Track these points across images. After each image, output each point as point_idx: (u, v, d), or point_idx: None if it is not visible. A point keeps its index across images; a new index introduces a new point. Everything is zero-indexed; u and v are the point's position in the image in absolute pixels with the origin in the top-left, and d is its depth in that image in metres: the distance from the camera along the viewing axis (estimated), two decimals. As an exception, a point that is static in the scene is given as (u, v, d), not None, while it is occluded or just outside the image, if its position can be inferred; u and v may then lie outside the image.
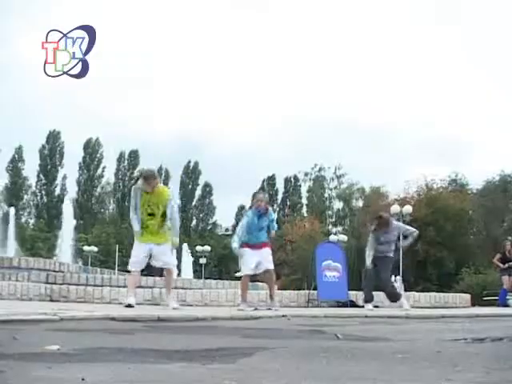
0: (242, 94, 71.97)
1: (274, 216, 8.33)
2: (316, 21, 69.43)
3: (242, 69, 69.95)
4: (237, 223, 53.13)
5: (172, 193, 7.72)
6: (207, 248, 39.69)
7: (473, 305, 12.05)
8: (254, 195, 8.46)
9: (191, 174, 56.52)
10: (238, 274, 7.80)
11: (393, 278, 19.77)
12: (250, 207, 8.02)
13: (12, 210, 31.54)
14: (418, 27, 68.90)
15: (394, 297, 8.58)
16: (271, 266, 7.74)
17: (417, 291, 10.59)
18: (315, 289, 9.83)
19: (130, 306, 6.53)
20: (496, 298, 14.68)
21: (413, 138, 66.28)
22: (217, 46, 72.51)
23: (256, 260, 7.58)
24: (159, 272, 8.63)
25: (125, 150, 55.50)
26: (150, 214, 7.03)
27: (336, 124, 66.85)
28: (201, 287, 11.04)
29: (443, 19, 67.20)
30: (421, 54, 70.39)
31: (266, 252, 7.73)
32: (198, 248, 39.42)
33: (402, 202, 27.07)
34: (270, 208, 8.15)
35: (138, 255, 7.12)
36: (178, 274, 25.75)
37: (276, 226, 8.09)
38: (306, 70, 69.96)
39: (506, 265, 13.49)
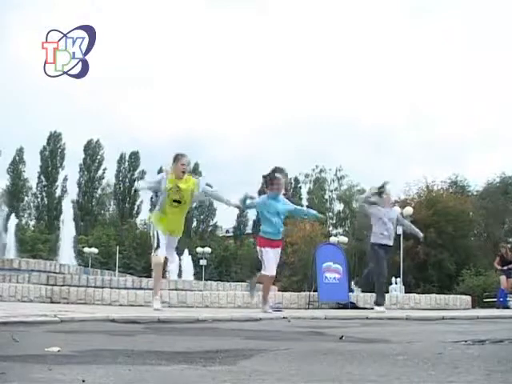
0: (242, 95, 72.13)
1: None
2: (316, 21, 69.55)
3: (243, 70, 70.08)
4: (238, 225, 52.71)
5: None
6: (208, 250, 39.67)
7: (473, 306, 12.07)
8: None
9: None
10: (262, 273, 7.59)
11: (393, 279, 19.75)
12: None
13: (13, 219, 31.66)
14: (417, 28, 68.99)
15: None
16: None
17: (417, 293, 10.60)
18: (316, 290, 9.83)
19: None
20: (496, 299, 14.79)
21: (413, 140, 66.37)
22: (217, 46, 72.69)
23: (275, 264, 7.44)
24: None
25: (125, 151, 55.55)
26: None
27: (336, 125, 67.03)
28: (201, 289, 11.05)
29: (444, 19, 67.29)
30: (421, 56, 70.52)
31: (278, 254, 7.54)
32: (199, 249, 39.40)
33: (403, 203, 27.06)
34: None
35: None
36: (179, 275, 25.73)
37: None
38: (306, 71, 70.07)
39: (506, 267, 13.80)
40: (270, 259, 7.36)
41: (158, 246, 6.97)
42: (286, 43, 74.74)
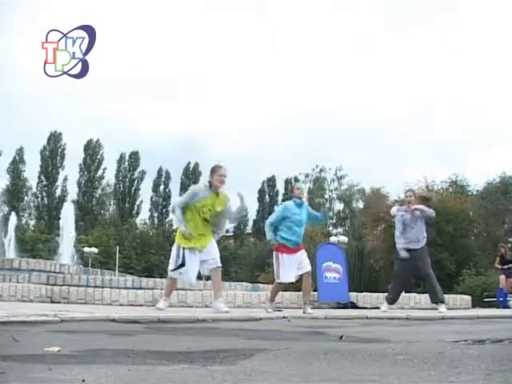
0: (242, 96, 72.04)
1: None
2: (315, 23, 69.53)
3: (243, 70, 70.01)
4: (238, 224, 52.37)
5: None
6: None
7: (473, 306, 12.07)
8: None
9: (191, 175, 56.43)
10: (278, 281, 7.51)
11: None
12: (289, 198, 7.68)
13: (14, 217, 31.77)
14: (417, 27, 68.96)
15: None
16: (309, 268, 7.36)
17: (417, 292, 10.58)
18: (316, 290, 9.84)
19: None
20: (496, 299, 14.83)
21: (413, 140, 66.31)
22: (217, 48, 72.61)
23: (295, 269, 7.26)
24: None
25: (125, 151, 55.54)
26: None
27: (336, 125, 66.89)
28: (201, 289, 11.05)
29: (444, 19, 67.31)
30: (421, 55, 70.44)
31: (303, 254, 7.37)
32: (199, 249, 39.33)
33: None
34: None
35: None
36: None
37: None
38: (306, 71, 70.00)
39: (506, 266, 13.95)
40: (286, 266, 7.28)
41: (183, 264, 6.78)
42: (286, 45, 74.73)
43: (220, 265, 6.83)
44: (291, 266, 7.25)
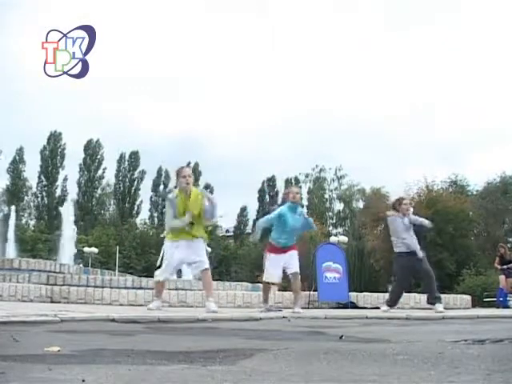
0: (242, 96, 72.03)
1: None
2: (315, 22, 69.51)
3: (243, 70, 69.99)
4: (238, 224, 52.47)
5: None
6: (208, 249, 39.52)
7: (473, 306, 12.07)
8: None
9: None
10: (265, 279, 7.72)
11: (392, 278, 19.70)
12: (283, 202, 7.78)
13: (13, 211, 31.79)
14: (417, 27, 68.95)
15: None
16: (295, 269, 7.43)
17: (417, 292, 10.57)
18: (316, 290, 9.84)
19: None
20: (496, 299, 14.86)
21: (413, 140, 66.28)
22: (217, 46, 72.58)
23: (280, 270, 7.42)
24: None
25: (125, 151, 55.52)
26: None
27: (336, 125, 66.84)
28: (201, 288, 11.04)
29: (444, 19, 67.29)
30: (421, 55, 70.44)
31: (293, 255, 7.45)
32: (199, 249, 39.26)
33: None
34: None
35: None
36: (179, 276, 25.68)
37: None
38: (306, 71, 69.96)
39: (505, 266, 13.98)
40: (272, 266, 7.56)
41: (161, 265, 6.98)
42: (286, 45, 74.72)
43: (207, 266, 6.96)
44: (277, 266, 7.40)
